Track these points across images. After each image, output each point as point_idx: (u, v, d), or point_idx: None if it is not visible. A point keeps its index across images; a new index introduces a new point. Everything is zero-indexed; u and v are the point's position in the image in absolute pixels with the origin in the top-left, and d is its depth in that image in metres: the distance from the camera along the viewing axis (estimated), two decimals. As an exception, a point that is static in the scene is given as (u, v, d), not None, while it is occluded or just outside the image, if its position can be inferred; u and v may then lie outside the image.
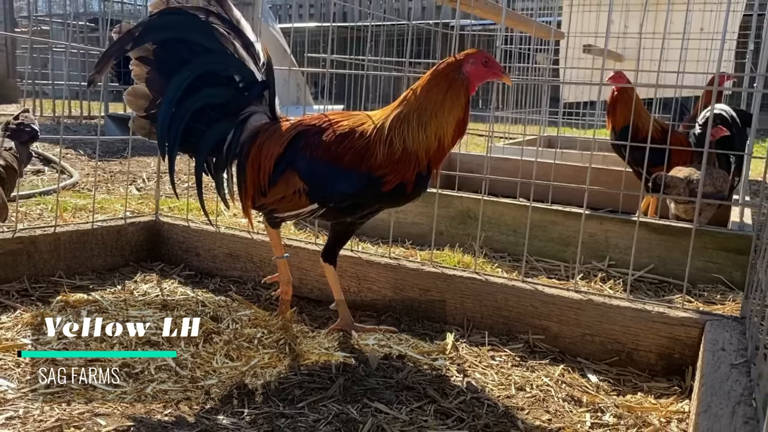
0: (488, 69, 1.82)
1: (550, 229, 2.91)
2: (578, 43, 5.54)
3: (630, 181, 3.44)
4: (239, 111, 1.93)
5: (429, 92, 1.81)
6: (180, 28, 1.86)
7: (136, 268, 2.56)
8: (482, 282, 2.12)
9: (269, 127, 1.93)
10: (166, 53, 1.85)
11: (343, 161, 1.82)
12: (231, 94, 1.92)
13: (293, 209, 1.92)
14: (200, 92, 1.88)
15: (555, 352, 2.00)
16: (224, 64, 1.90)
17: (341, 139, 1.84)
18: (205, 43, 1.86)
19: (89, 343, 1.85)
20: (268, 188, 1.89)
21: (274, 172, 1.88)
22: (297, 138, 1.88)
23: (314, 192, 1.86)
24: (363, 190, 1.84)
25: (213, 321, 2.10)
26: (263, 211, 1.99)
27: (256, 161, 1.90)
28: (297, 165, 1.86)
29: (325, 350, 1.94)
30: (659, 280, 2.71)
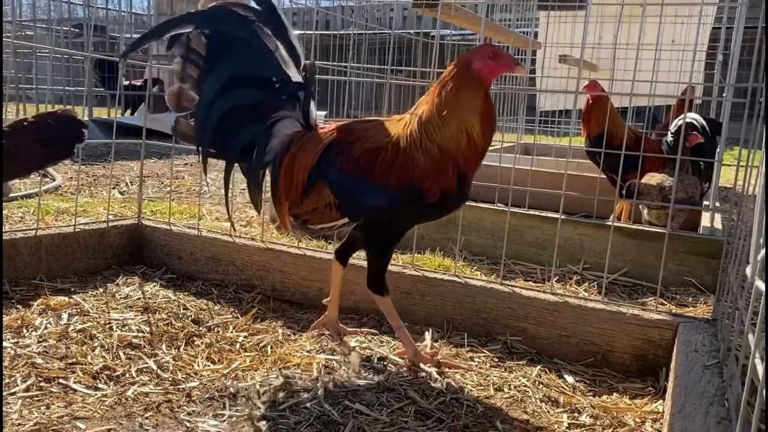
0: (498, 63, 1.75)
1: (527, 233, 2.96)
2: (554, 53, 5.64)
3: (604, 187, 3.52)
4: (270, 114, 1.88)
5: (443, 93, 1.75)
6: (225, 23, 1.82)
7: (118, 271, 2.54)
8: (462, 285, 2.16)
9: (302, 136, 1.87)
10: (208, 49, 1.83)
11: (376, 175, 1.74)
12: (264, 96, 1.88)
13: (325, 221, 1.85)
14: (233, 92, 1.85)
15: (532, 353, 2.04)
16: (262, 65, 1.85)
17: (374, 150, 1.77)
18: (248, 40, 1.83)
19: (70, 346, 1.85)
20: (301, 199, 1.84)
21: (307, 183, 1.81)
22: (329, 148, 1.80)
23: (345, 205, 1.80)
24: (401, 204, 1.76)
25: (194, 324, 2.11)
26: (298, 220, 1.92)
27: (289, 171, 1.84)
28: (328, 176, 1.79)
29: (307, 353, 1.95)
30: (633, 283, 2.77)
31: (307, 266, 2.37)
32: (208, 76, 1.83)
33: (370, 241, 1.90)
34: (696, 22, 5.58)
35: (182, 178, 4.89)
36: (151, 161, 5.54)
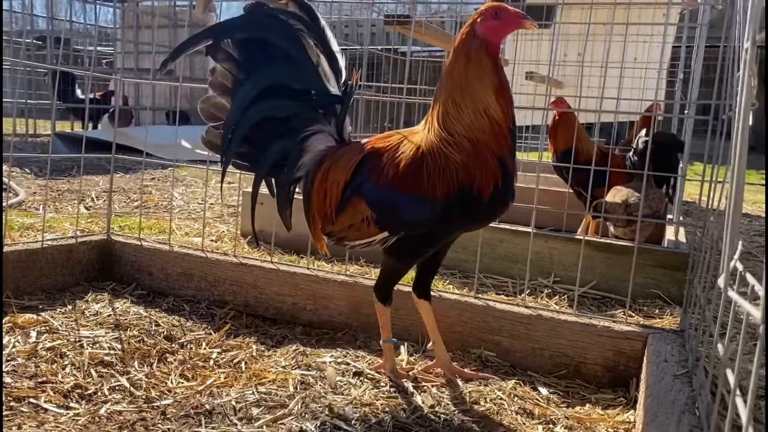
0: (502, 21, 1.60)
1: (498, 246, 3.00)
2: (521, 70, 5.75)
3: (572, 201, 3.59)
4: (304, 127, 1.83)
5: (452, 72, 1.66)
6: (266, 30, 1.77)
7: (87, 287, 2.49)
8: (436, 298, 2.16)
9: (335, 152, 1.82)
10: (246, 56, 1.78)
11: (417, 185, 1.68)
12: (299, 108, 1.82)
13: (363, 237, 1.79)
14: (267, 103, 1.79)
15: (506, 366, 2.07)
16: (300, 76, 1.80)
17: (411, 160, 1.70)
18: (288, 49, 1.78)
19: (39, 364, 1.81)
20: (336, 216, 1.79)
21: (342, 199, 1.76)
22: (362, 162, 1.75)
23: (383, 219, 1.73)
24: (450, 212, 1.67)
25: (167, 341, 2.08)
26: (332, 238, 1.87)
27: (321, 188, 1.80)
28: (364, 191, 1.74)
29: (282, 368, 1.94)
30: (601, 296, 2.83)
31: (280, 281, 2.36)
32: (243, 84, 1.78)
33: (400, 250, 1.81)
34: (656, 41, 5.78)
35: (150, 192, 4.82)
36: (117, 176, 5.45)
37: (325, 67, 1.81)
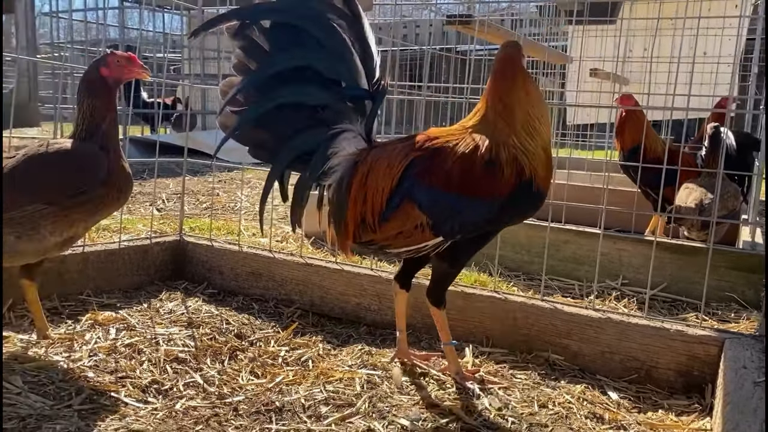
0: None
1: (563, 248, 2.95)
2: (584, 67, 5.63)
3: (639, 201, 3.50)
4: (333, 122, 1.75)
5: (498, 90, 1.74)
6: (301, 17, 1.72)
7: (161, 286, 2.60)
8: (501, 300, 2.16)
9: (369, 156, 1.75)
10: (274, 40, 1.71)
11: (479, 187, 1.66)
12: (329, 99, 1.74)
13: (412, 244, 1.72)
14: (297, 87, 1.71)
15: (575, 370, 2.03)
16: (332, 65, 1.73)
17: (467, 162, 1.67)
18: (320, 38, 1.71)
19: (119, 360, 1.89)
20: (380, 224, 1.72)
21: (388, 207, 1.70)
22: (409, 166, 1.69)
23: (440, 225, 1.67)
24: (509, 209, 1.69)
25: (237, 338, 2.14)
26: (371, 247, 1.80)
27: (360, 196, 1.73)
28: (416, 197, 1.67)
29: (349, 367, 1.97)
30: (672, 299, 2.74)
31: (344, 281, 2.39)
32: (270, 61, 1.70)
33: (454, 254, 1.78)
34: (728, 35, 5.55)
35: (217, 194, 4.97)
36: (186, 179, 5.62)
37: (359, 64, 1.76)
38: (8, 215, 1.76)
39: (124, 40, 8.29)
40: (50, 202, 1.79)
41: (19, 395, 1.62)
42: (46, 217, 1.79)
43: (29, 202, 1.77)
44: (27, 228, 1.79)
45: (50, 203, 1.79)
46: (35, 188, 1.80)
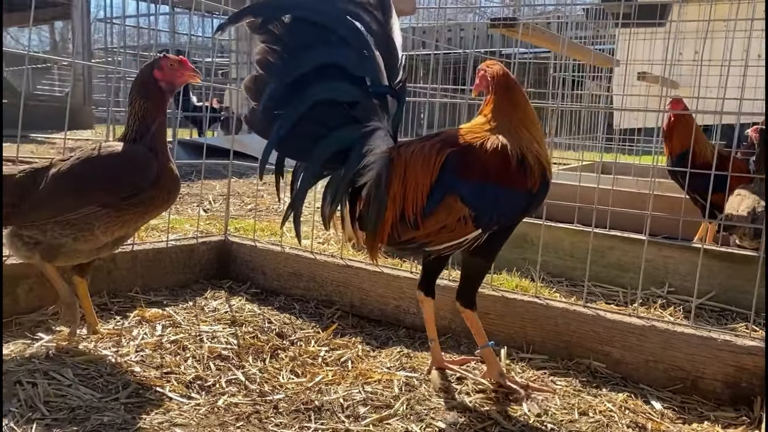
0: None
1: (608, 254, 2.90)
2: (632, 71, 5.53)
3: (687, 207, 3.41)
4: (364, 119, 1.74)
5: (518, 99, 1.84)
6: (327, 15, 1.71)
7: (206, 285, 2.66)
8: (543, 306, 2.14)
9: (402, 153, 1.75)
10: (299, 37, 1.69)
11: (514, 179, 1.72)
12: (360, 96, 1.73)
13: (455, 238, 1.74)
14: (329, 83, 1.70)
15: (617, 378, 2.00)
16: (360, 63, 1.72)
17: (500, 155, 1.72)
18: (345, 35, 1.71)
19: (164, 355, 1.95)
20: (423, 220, 1.72)
21: (430, 202, 1.70)
22: (446, 162, 1.72)
23: (481, 216, 1.71)
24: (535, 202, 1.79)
25: (279, 337, 2.17)
26: (410, 246, 1.79)
27: (400, 193, 1.72)
28: (458, 190, 1.70)
29: (387, 369, 1.98)
30: (720, 308, 2.67)
31: (384, 283, 2.41)
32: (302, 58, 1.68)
33: (489, 247, 1.82)
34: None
35: (262, 196, 5.05)
36: (232, 180, 5.74)
37: (381, 62, 1.76)
38: (64, 217, 1.82)
39: (174, 45, 8.50)
40: (104, 205, 1.84)
41: (70, 387, 1.69)
42: (100, 219, 1.85)
43: (84, 205, 1.83)
44: (82, 229, 1.85)
45: (104, 206, 1.84)
46: (90, 191, 1.85)
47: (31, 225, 1.84)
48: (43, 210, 1.82)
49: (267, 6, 1.74)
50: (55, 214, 1.82)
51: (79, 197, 1.83)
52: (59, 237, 1.85)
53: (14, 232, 1.86)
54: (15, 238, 1.87)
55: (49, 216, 1.82)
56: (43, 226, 1.83)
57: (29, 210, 1.81)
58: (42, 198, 1.81)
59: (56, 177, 1.83)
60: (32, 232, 1.85)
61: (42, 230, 1.84)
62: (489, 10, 7.74)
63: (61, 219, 1.82)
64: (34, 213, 1.81)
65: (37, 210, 1.81)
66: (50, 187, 1.82)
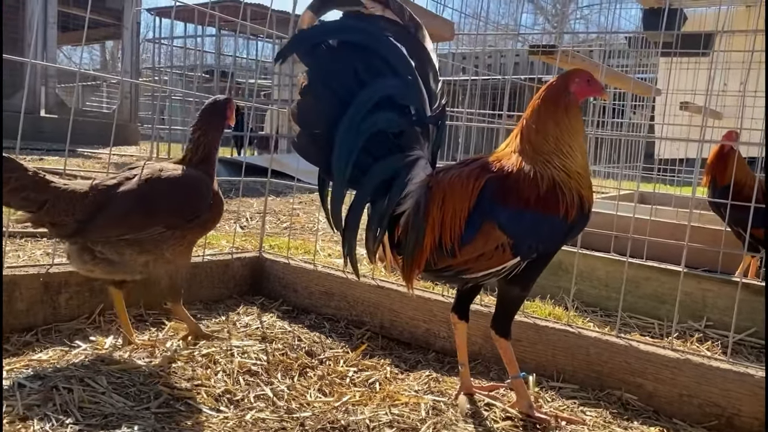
0: (591, 87, 1.81)
1: (644, 285, 2.85)
2: (674, 100, 5.46)
3: (728, 240, 3.33)
4: (408, 149, 1.76)
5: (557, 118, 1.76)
6: (377, 40, 1.71)
7: (239, 300, 2.70)
8: (575, 335, 2.11)
9: (440, 180, 1.76)
10: (346, 62, 1.69)
11: (552, 207, 1.71)
12: (406, 126, 1.74)
13: (493, 266, 1.73)
14: (379, 115, 1.70)
15: (649, 411, 1.95)
16: (407, 92, 1.73)
17: (535, 183, 1.71)
18: (395, 63, 1.72)
19: (196, 368, 1.98)
20: (460, 248, 1.72)
21: (468, 229, 1.71)
22: (484, 188, 1.72)
23: (520, 244, 1.70)
24: (571, 232, 1.76)
25: (308, 356, 2.19)
26: (446, 273, 1.79)
27: (437, 220, 1.73)
28: (497, 217, 1.70)
29: (415, 392, 1.97)
30: (761, 345, 2.59)
31: (415, 306, 2.41)
32: (358, 92, 1.68)
33: (528, 276, 1.80)
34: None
35: (297, 215, 5.11)
36: (269, 199, 5.83)
37: (423, 87, 1.76)
38: (134, 236, 1.93)
39: (219, 66, 8.74)
40: (169, 226, 1.98)
41: (104, 395, 1.73)
42: (166, 240, 1.98)
43: (152, 225, 1.95)
44: (149, 248, 1.97)
45: (169, 227, 1.98)
46: (160, 213, 1.96)
47: (105, 241, 1.92)
48: (117, 228, 1.91)
49: (314, 31, 1.74)
50: (126, 232, 1.92)
51: (150, 218, 1.94)
52: (128, 254, 1.95)
53: (84, 246, 1.93)
54: (84, 252, 1.93)
55: (120, 234, 1.92)
56: (117, 243, 1.92)
57: (103, 227, 1.89)
58: (115, 216, 1.90)
59: (128, 196, 1.92)
60: (105, 248, 1.93)
61: (114, 247, 1.93)
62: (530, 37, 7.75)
63: (132, 237, 1.93)
64: (108, 230, 1.90)
65: (110, 227, 1.90)
66: (123, 205, 1.91)
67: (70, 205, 1.86)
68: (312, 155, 1.73)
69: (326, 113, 1.69)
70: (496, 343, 1.89)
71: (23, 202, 1.81)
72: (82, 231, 1.88)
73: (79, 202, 1.87)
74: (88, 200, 1.89)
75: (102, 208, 1.89)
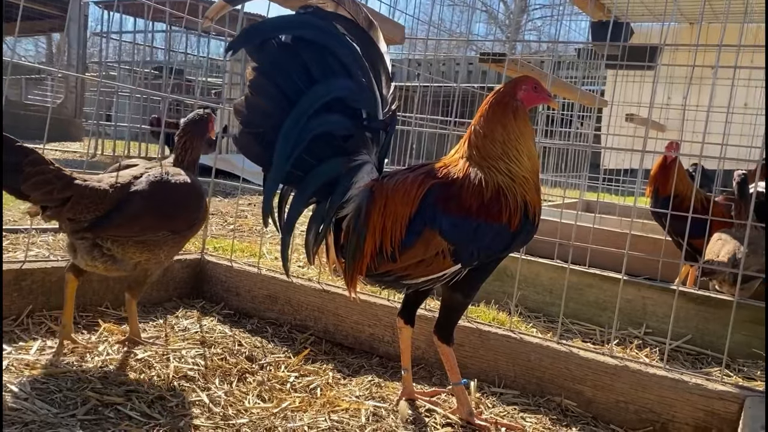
0: (538, 94, 1.80)
1: (587, 292, 2.89)
2: (620, 112, 5.60)
3: (669, 249, 3.42)
4: (355, 153, 1.74)
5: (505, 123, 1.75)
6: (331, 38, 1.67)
7: (179, 303, 2.61)
8: (517, 341, 2.12)
9: (384, 185, 1.74)
10: (298, 60, 1.64)
11: (495, 215, 1.69)
12: (354, 129, 1.72)
13: (433, 273, 1.72)
14: (328, 116, 1.67)
15: (588, 418, 1.97)
16: (360, 95, 1.70)
17: (480, 190, 1.70)
18: (349, 64, 1.68)
19: (129, 373, 1.90)
20: (400, 253, 1.70)
21: (409, 235, 1.69)
22: (427, 194, 1.71)
23: (461, 251, 1.69)
24: (517, 238, 1.74)
25: (248, 361, 2.13)
26: (386, 278, 1.78)
27: (379, 225, 1.71)
28: (439, 224, 1.68)
29: (356, 398, 1.94)
30: (697, 352, 2.66)
31: (360, 310, 2.38)
32: (307, 90, 1.65)
33: (470, 283, 1.79)
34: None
35: (245, 217, 5.02)
36: (216, 199, 5.71)
37: (377, 90, 1.73)
38: (141, 238, 1.95)
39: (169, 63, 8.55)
40: (176, 231, 2.03)
41: (26, 401, 1.64)
42: (167, 242, 2.02)
43: (164, 229, 1.99)
44: (151, 248, 1.99)
45: (176, 231, 2.03)
46: (173, 219, 2.01)
47: (115, 239, 1.91)
48: (131, 228, 1.92)
49: (264, 26, 1.69)
50: (139, 234, 1.94)
51: (163, 221, 1.98)
52: (130, 252, 1.95)
53: (94, 243, 1.92)
54: (94, 248, 1.92)
55: (134, 234, 1.93)
56: (126, 242, 1.93)
57: (119, 226, 1.89)
58: (132, 216, 1.91)
59: (144, 199, 1.93)
60: (113, 245, 1.92)
61: (122, 245, 1.93)
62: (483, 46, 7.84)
63: (141, 239, 1.95)
64: (123, 229, 1.91)
65: (126, 227, 1.91)
66: (139, 208, 1.92)
67: (93, 203, 1.86)
68: (254, 152, 1.69)
69: (273, 111, 1.65)
70: (438, 349, 1.88)
71: (46, 197, 1.78)
72: (97, 228, 1.88)
73: (101, 200, 1.87)
74: (107, 196, 1.89)
75: (118, 207, 1.90)
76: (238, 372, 2.03)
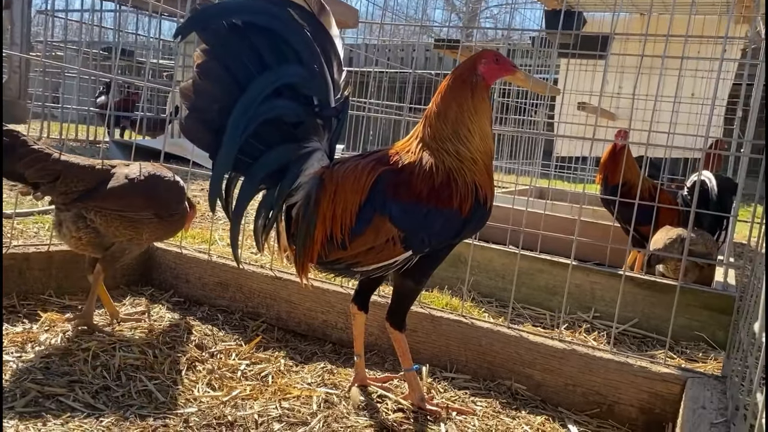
0: (500, 66, 1.76)
1: (538, 277, 2.94)
2: (573, 100, 5.69)
3: (617, 235, 3.50)
4: (305, 140, 1.71)
5: (460, 101, 1.72)
6: (282, 23, 1.62)
7: (127, 291, 2.55)
8: (468, 326, 2.13)
9: (334, 173, 1.72)
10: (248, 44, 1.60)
11: (444, 200, 1.67)
12: (306, 117, 1.69)
13: (383, 260, 1.70)
14: (278, 102, 1.64)
15: (537, 401, 2.00)
16: (311, 81, 1.67)
17: (430, 176, 1.68)
18: (300, 50, 1.64)
19: (73, 363, 1.85)
20: (350, 240, 1.69)
21: (359, 222, 1.67)
22: (377, 181, 1.68)
23: (411, 238, 1.67)
24: (468, 225, 1.72)
25: (198, 349, 2.10)
26: (337, 266, 1.76)
27: (329, 212, 1.69)
28: (388, 210, 1.66)
29: (308, 385, 1.93)
30: (642, 335, 2.73)
31: (313, 297, 2.36)
32: (258, 75, 1.61)
33: (421, 270, 1.78)
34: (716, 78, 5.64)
35: (197, 202, 4.92)
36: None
37: (328, 77, 1.70)
38: (125, 214, 2.06)
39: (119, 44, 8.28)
40: (157, 214, 2.14)
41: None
42: (150, 225, 2.13)
43: (147, 209, 2.11)
44: (136, 226, 2.10)
45: (156, 215, 2.14)
46: (150, 199, 2.12)
47: (99, 210, 2.02)
48: (117, 201, 2.04)
49: (216, 9, 1.65)
50: (124, 209, 2.05)
51: (147, 201, 2.10)
52: (113, 227, 2.05)
53: (78, 214, 2.02)
54: (78, 219, 2.03)
55: (119, 208, 2.04)
56: (110, 215, 2.04)
57: (105, 197, 2.02)
58: (119, 190, 2.03)
59: (128, 178, 2.07)
60: (97, 217, 2.03)
61: (106, 218, 2.04)
62: (445, 31, 7.84)
63: (124, 214, 2.06)
64: (109, 201, 2.02)
65: (112, 199, 2.03)
66: (124, 184, 2.05)
67: (81, 177, 2.00)
68: (201, 138, 1.64)
69: (221, 95, 1.60)
70: (390, 335, 1.88)
71: (40, 173, 1.94)
72: (86, 198, 2.00)
73: (88, 174, 2.02)
74: (94, 172, 2.04)
75: (105, 181, 2.04)
76: (188, 360, 2.00)
